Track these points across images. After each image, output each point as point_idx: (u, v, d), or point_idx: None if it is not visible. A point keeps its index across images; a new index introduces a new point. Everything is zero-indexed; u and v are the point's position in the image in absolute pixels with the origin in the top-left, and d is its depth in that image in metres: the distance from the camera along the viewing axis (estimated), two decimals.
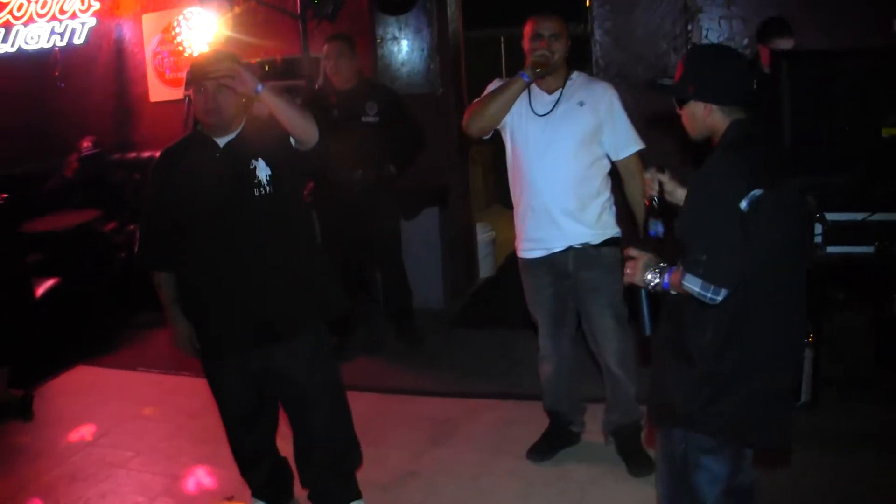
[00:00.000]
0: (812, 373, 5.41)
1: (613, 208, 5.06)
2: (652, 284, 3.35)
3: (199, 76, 4.25)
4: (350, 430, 4.92)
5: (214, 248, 4.42)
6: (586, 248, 4.93)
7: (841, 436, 5.23)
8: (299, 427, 4.82)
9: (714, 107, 3.33)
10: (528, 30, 4.96)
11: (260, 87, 4.11)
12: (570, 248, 4.95)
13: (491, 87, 5.05)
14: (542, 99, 4.96)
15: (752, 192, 3.08)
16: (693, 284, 3.14)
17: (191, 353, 4.78)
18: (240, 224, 4.37)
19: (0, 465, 6.00)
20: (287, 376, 4.63)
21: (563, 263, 4.99)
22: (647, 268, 3.37)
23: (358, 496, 4.92)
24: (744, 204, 3.07)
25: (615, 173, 5.03)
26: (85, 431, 6.40)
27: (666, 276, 3.32)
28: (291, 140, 4.30)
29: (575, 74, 4.99)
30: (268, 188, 4.33)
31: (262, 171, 4.33)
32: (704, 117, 3.37)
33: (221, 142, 4.39)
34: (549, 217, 4.92)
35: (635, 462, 5.14)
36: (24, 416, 6.65)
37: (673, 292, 3.32)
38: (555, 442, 5.45)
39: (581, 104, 4.88)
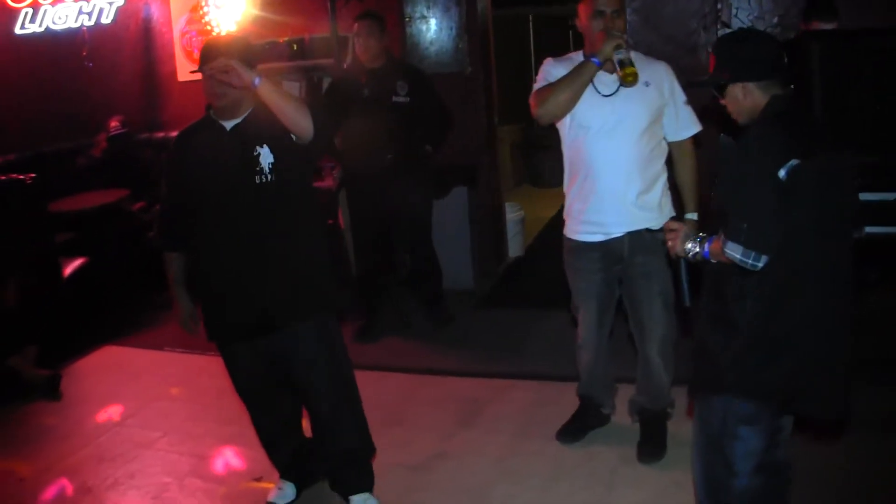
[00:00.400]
0: None
1: (669, 192, 4.94)
2: (692, 254, 3.45)
3: (202, 62, 4.25)
4: (359, 422, 4.84)
5: (219, 233, 4.41)
6: (643, 232, 4.80)
7: (872, 419, 5.12)
8: (310, 414, 4.81)
9: (750, 85, 3.38)
10: (586, 7, 4.73)
11: (257, 81, 4.05)
12: (627, 233, 4.81)
13: (549, 69, 4.85)
14: (605, 79, 4.73)
15: (790, 162, 3.13)
16: (734, 251, 3.20)
17: (192, 331, 4.89)
18: (242, 210, 4.35)
19: (28, 446, 6.01)
20: (290, 363, 4.61)
21: (619, 248, 4.85)
22: (686, 238, 3.48)
23: (368, 488, 4.85)
24: (782, 173, 3.13)
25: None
26: (112, 412, 6.40)
27: (706, 245, 3.41)
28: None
29: (633, 52, 4.71)
30: (269, 176, 4.30)
31: (266, 158, 4.30)
32: (744, 98, 3.42)
33: (228, 125, 4.36)
34: (615, 200, 4.75)
35: (649, 447, 5.10)
36: (52, 397, 6.66)
37: (713, 261, 3.39)
38: (585, 424, 5.40)
39: (647, 84, 4.70)
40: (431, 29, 8.30)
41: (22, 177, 7.59)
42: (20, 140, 9.61)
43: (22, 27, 9.54)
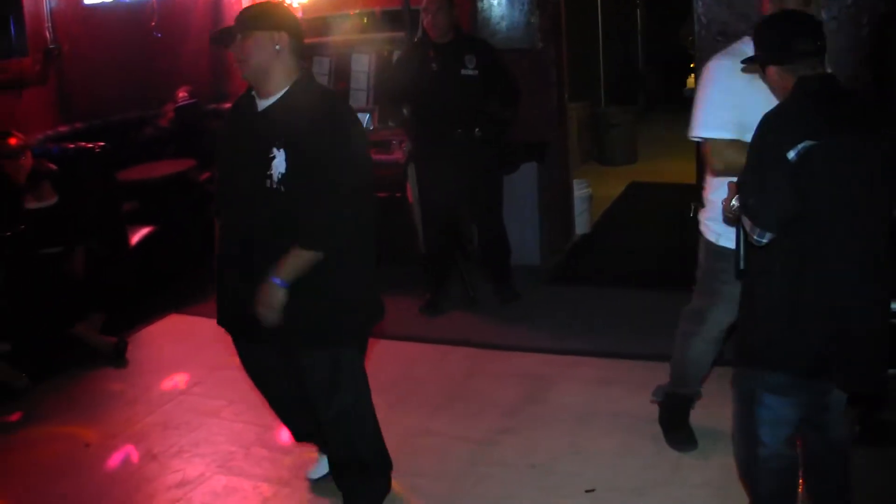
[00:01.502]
0: None
1: None
2: (736, 207, 3.49)
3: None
4: (368, 457, 4.51)
5: (229, 221, 4.16)
6: None
7: None
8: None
9: (778, 67, 3.53)
10: None
11: None
12: None
13: (726, 83, 4.22)
14: None
15: (802, 144, 3.27)
16: (746, 224, 3.43)
17: None
18: (251, 208, 3.99)
19: (94, 411, 6.05)
20: (302, 388, 4.36)
21: None
22: (734, 196, 3.52)
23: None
24: (791, 154, 3.27)
25: None
26: (178, 379, 6.42)
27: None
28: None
29: None
30: (279, 186, 3.87)
31: (279, 165, 3.85)
32: (774, 79, 3.58)
33: (261, 105, 3.99)
34: None
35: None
36: (118, 363, 6.71)
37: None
38: (685, 419, 5.14)
39: None
40: (503, 3, 8.20)
41: (91, 145, 7.62)
42: (88, 109, 9.66)
43: None
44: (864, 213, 3.41)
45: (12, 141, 6.86)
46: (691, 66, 7.34)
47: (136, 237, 7.83)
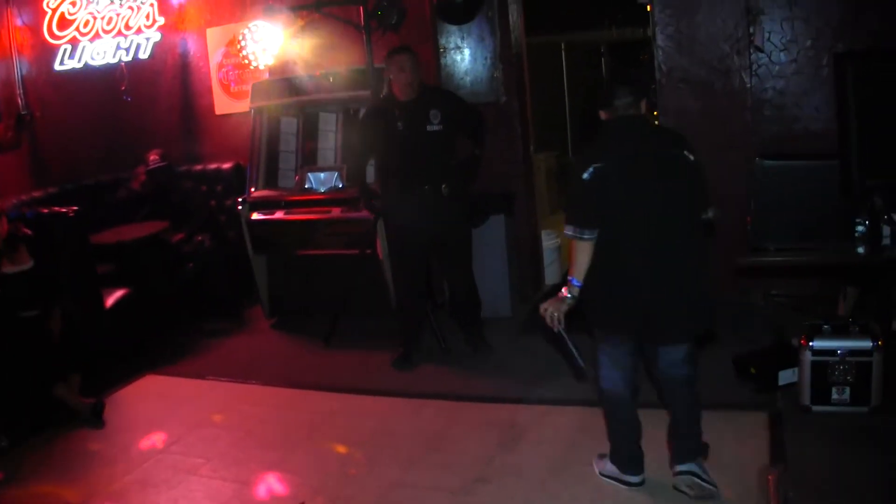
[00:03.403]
0: (882, 376, 5.44)
1: None
2: (568, 296, 4.74)
3: None
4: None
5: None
6: None
7: None
8: None
9: (603, 111, 4.82)
10: None
11: None
12: None
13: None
14: None
15: (592, 166, 4.55)
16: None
17: None
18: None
19: (72, 471, 6.07)
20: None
21: None
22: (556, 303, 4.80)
23: None
24: (585, 175, 4.56)
25: None
26: (155, 439, 6.44)
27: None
28: None
29: None
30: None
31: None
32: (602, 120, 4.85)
33: None
34: None
35: None
36: (96, 424, 6.72)
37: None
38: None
39: None
40: (466, 59, 8.37)
41: (65, 209, 7.69)
42: (61, 173, 9.79)
43: (61, 63, 9.73)
44: (648, 210, 4.57)
45: None
46: (654, 112, 7.48)
47: (111, 299, 7.88)
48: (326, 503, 5.28)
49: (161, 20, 9.61)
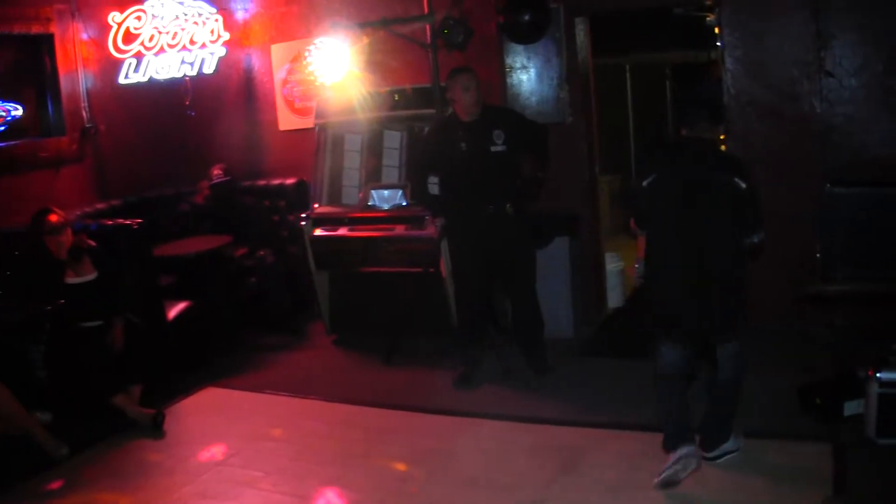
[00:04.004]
0: None
1: None
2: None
3: None
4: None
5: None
6: None
7: None
8: None
9: (681, 127, 5.35)
10: None
11: None
12: None
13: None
14: None
15: (649, 174, 5.29)
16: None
17: None
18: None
19: (131, 481, 6.09)
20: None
21: None
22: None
23: None
24: (644, 183, 5.28)
25: None
26: (215, 451, 6.45)
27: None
28: None
29: None
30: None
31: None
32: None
33: None
34: None
35: None
36: (155, 434, 6.75)
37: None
38: None
39: None
40: (532, 79, 8.33)
41: (128, 222, 7.73)
42: (124, 186, 9.83)
43: (126, 77, 9.75)
44: (686, 225, 5.14)
45: (53, 218, 6.99)
46: (721, 137, 7.40)
47: (173, 311, 7.92)
48: None
49: (226, 35, 9.62)
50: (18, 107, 9.30)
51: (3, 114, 9.21)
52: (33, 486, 6.17)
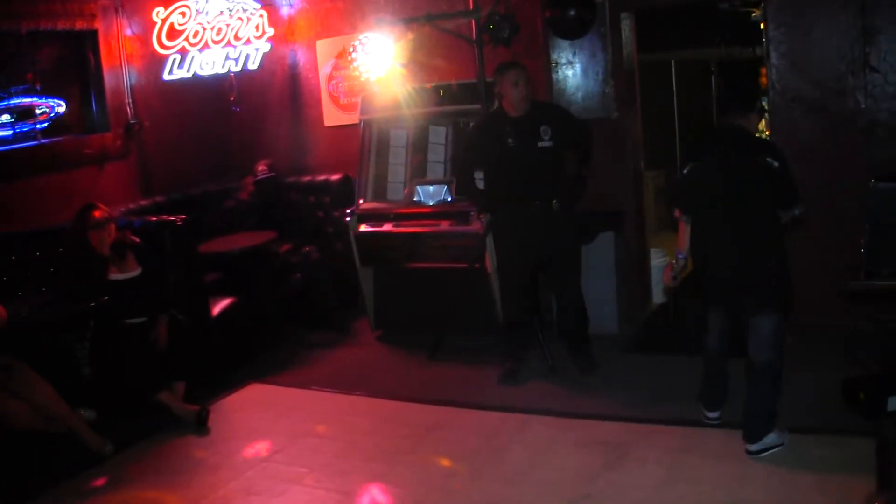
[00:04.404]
0: None
1: None
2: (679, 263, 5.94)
3: None
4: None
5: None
6: None
7: None
8: None
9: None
10: None
11: None
12: None
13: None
14: None
15: (688, 163, 5.66)
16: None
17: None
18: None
19: (176, 477, 6.11)
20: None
21: None
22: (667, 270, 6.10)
23: None
24: (685, 171, 5.66)
25: None
26: (260, 447, 6.44)
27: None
28: None
29: None
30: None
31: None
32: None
33: None
34: None
35: None
36: (200, 431, 6.76)
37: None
38: None
39: None
40: (577, 74, 8.27)
41: (173, 218, 7.74)
42: (169, 182, 9.86)
43: (170, 73, 9.78)
44: (728, 203, 5.42)
45: (97, 213, 7.01)
46: (759, 127, 7.32)
47: (218, 308, 7.92)
48: None
49: (270, 31, 9.62)
50: (62, 103, 9.34)
51: (47, 110, 9.25)
52: (78, 483, 6.19)
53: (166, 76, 9.82)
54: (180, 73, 9.80)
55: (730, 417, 5.82)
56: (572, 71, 8.30)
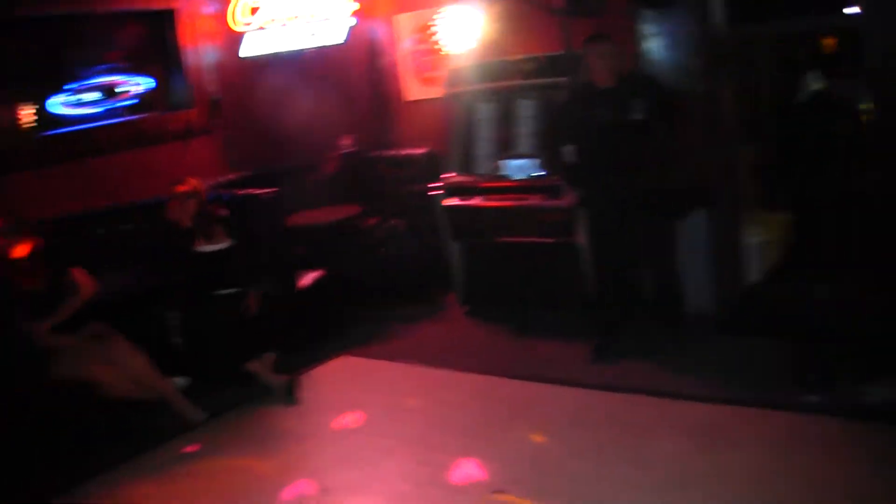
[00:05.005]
0: None
1: None
2: None
3: None
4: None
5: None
6: None
7: None
8: None
9: None
10: None
11: None
12: None
13: None
14: None
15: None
16: None
17: None
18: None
19: (268, 446, 6.18)
20: None
21: None
22: None
23: None
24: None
25: None
26: (349, 418, 6.43)
27: None
28: None
29: None
30: None
31: None
32: None
33: None
34: None
35: None
36: (289, 401, 6.79)
37: None
38: None
39: None
40: (666, 46, 8.09)
41: (261, 191, 7.77)
42: (253, 157, 9.88)
43: (250, 49, 9.81)
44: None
45: (184, 187, 7.05)
46: (862, 107, 7.13)
47: (306, 280, 7.96)
48: (521, 493, 5.14)
49: (354, 6, 9.58)
50: (148, 80, 9.43)
51: (133, 88, 9.39)
52: (171, 449, 6.33)
53: (246, 53, 9.83)
54: (260, 50, 9.81)
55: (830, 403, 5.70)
56: (661, 42, 8.10)
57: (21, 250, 6.62)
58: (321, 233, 8.39)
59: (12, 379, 6.27)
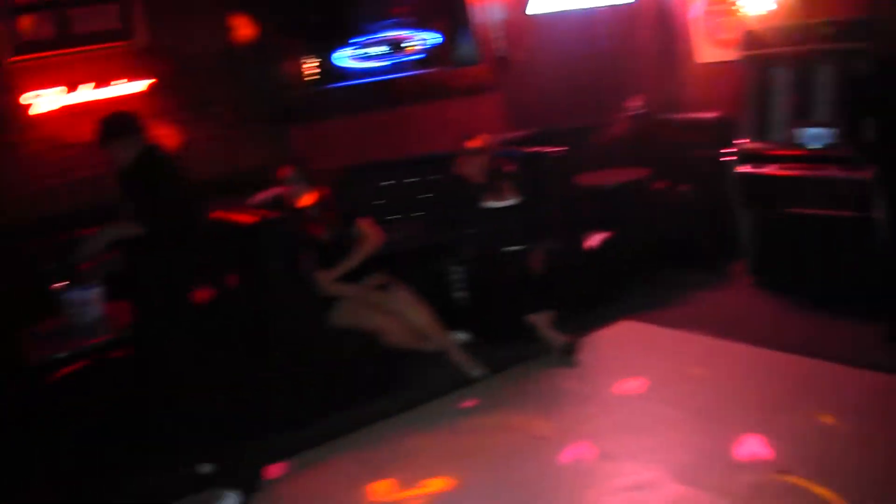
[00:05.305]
0: None
1: None
2: None
3: None
4: None
5: None
6: None
7: None
8: None
9: None
10: None
11: None
12: None
13: None
14: None
15: None
16: None
17: None
18: None
19: (546, 405, 6.22)
20: None
21: None
22: None
23: None
24: None
25: None
26: (631, 384, 6.36)
27: None
28: None
29: None
30: None
31: None
32: None
33: None
34: None
35: None
36: (569, 362, 6.80)
37: None
38: None
39: None
40: None
41: (550, 149, 7.78)
42: (538, 116, 9.90)
43: (537, 6, 9.76)
44: None
45: (475, 142, 7.12)
46: None
47: (593, 241, 7.96)
48: (808, 476, 4.90)
49: None
50: (435, 35, 9.57)
51: (420, 43, 9.52)
52: (449, 401, 6.46)
53: (533, 10, 9.82)
54: (548, 7, 9.78)
55: None
56: None
57: (308, 199, 6.84)
58: (608, 194, 8.34)
59: (296, 325, 6.50)
